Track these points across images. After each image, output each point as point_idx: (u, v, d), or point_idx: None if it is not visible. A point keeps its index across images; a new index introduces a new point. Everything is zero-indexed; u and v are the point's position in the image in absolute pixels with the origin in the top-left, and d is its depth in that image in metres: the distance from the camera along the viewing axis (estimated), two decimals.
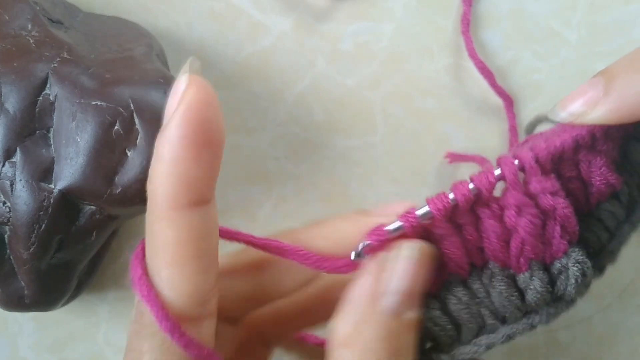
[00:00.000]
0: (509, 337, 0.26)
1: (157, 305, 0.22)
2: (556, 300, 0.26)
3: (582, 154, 0.25)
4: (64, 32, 0.34)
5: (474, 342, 0.26)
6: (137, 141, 0.31)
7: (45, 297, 0.33)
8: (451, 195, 0.25)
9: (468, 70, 0.41)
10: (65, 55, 0.32)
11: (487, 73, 0.40)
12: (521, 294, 0.25)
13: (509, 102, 0.40)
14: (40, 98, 0.31)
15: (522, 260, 0.25)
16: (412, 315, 0.24)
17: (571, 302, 0.26)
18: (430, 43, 0.41)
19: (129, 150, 0.31)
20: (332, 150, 0.40)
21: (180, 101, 0.21)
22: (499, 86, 0.40)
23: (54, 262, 0.32)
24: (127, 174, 0.31)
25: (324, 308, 0.27)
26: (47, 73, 0.31)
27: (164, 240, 0.22)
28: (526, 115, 0.41)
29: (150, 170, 0.22)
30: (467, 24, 0.40)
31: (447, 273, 0.26)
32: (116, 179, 0.31)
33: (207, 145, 0.21)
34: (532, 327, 0.26)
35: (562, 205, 0.24)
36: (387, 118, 0.40)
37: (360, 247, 0.25)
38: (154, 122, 0.31)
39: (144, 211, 0.34)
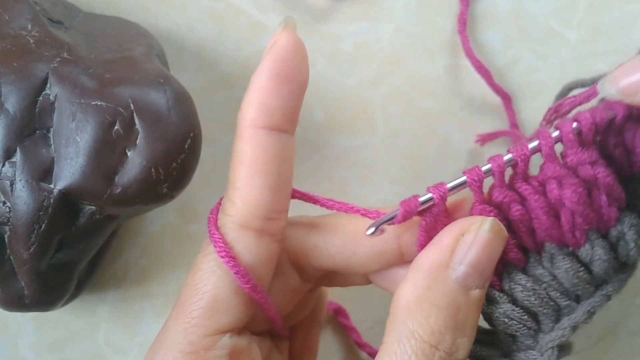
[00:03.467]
0: (590, 313, 0.25)
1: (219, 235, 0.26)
2: (622, 266, 0.25)
3: (630, 123, 0.25)
4: (64, 32, 0.34)
5: (557, 327, 0.25)
6: (137, 141, 0.31)
7: (45, 297, 0.33)
8: (485, 167, 0.25)
9: (468, 70, 0.41)
10: (65, 55, 0.32)
11: (484, 71, 0.40)
12: (587, 268, 0.25)
13: (507, 99, 0.40)
14: (40, 98, 0.31)
15: (577, 233, 0.25)
16: (479, 294, 0.25)
17: (634, 265, 0.26)
18: (430, 43, 0.41)
19: (129, 150, 0.31)
20: (332, 150, 0.40)
21: (271, 45, 0.25)
22: (496, 84, 0.40)
23: (54, 262, 0.32)
24: (127, 174, 0.31)
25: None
26: (47, 73, 0.31)
27: (241, 154, 0.26)
28: (526, 115, 0.41)
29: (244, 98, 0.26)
30: (464, 23, 0.40)
31: (502, 264, 0.26)
32: (116, 179, 0.31)
33: (287, 81, 0.25)
34: (608, 297, 0.25)
35: (603, 174, 0.24)
36: (387, 118, 0.40)
37: (425, 197, 0.25)
38: (154, 122, 0.31)
39: (144, 211, 0.34)
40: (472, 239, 0.24)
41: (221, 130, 0.40)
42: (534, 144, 0.25)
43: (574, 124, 0.25)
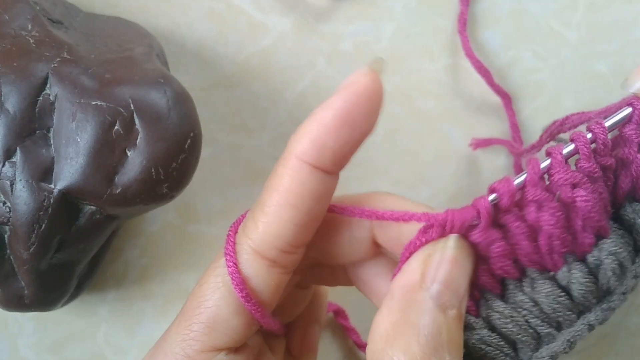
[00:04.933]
0: (570, 343, 0.24)
1: (235, 262, 0.25)
2: (606, 294, 0.25)
3: None
4: (64, 32, 0.34)
5: (535, 356, 0.25)
6: (137, 141, 0.31)
7: (45, 297, 0.33)
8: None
9: (468, 70, 0.41)
10: (65, 55, 0.32)
11: (484, 72, 0.40)
12: (568, 293, 0.24)
13: (508, 99, 0.40)
14: (40, 98, 0.31)
15: (555, 256, 0.24)
16: (457, 313, 0.24)
17: (623, 293, 0.25)
18: (430, 43, 0.41)
19: (129, 150, 0.31)
20: None
21: (351, 84, 0.24)
22: (496, 84, 0.40)
23: (54, 262, 0.32)
24: (127, 174, 0.31)
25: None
26: (47, 73, 0.31)
27: (278, 180, 0.25)
28: (526, 115, 0.41)
29: (303, 124, 0.25)
30: (464, 23, 0.40)
31: (479, 290, 0.26)
32: (116, 179, 0.31)
33: (351, 125, 0.24)
34: (590, 327, 0.25)
35: (581, 198, 0.24)
36: (387, 118, 0.40)
37: (490, 198, 0.24)
38: (154, 122, 0.31)
39: (144, 211, 0.34)
40: (439, 257, 0.24)
41: (221, 130, 0.40)
42: (520, 178, 0.25)
43: (569, 147, 0.24)
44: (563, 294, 0.24)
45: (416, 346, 0.23)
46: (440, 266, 0.24)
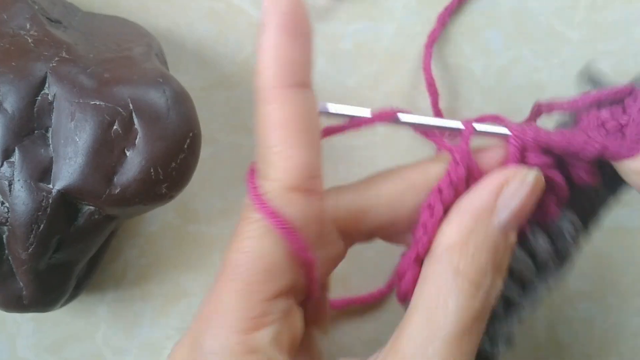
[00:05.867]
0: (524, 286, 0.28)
1: (262, 198, 0.26)
2: (560, 259, 0.28)
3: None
4: (62, 32, 0.34)
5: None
6: (136, 141, 0.31)
7: (44, 297, 0.33)
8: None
9: (468, 71, 0.40)
10: (64, 54, 0.32)
11: (433, 91, 0.40)
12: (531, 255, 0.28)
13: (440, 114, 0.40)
14: (39, 97, 0.31)
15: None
16: (514, 238, 0.26)
17: (570, 259, 0.29)
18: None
19: (127, 150, 0.31)
20: (332, 150, 0.40)
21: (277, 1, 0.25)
22: (439, 109, 0.40)
23: (52, 262, 0.32)
24: (126, 174, 0.31)
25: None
26: (46, 72, 0.31)
27: (272, 118, 0.25)
28: (526, 115, 0.41)
29: (257, 62, 0.25)
30: (433, 40, 0.40)
31: None
32: (115, 179, 0.31)
33: (300, 33, 0.25)
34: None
35: (559, 178, 0.27)
36: None
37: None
38: (153, 121, 0.31)
39: (143, 211, 0.34)
40: (516, 188, 0.26)
41: (221, 130, 0.40)
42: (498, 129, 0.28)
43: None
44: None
45: (478, 263, 0.25)
46: (514, 197, 0.26)
